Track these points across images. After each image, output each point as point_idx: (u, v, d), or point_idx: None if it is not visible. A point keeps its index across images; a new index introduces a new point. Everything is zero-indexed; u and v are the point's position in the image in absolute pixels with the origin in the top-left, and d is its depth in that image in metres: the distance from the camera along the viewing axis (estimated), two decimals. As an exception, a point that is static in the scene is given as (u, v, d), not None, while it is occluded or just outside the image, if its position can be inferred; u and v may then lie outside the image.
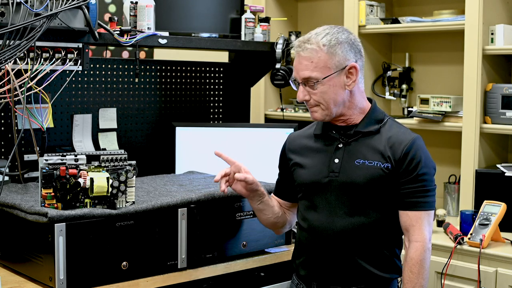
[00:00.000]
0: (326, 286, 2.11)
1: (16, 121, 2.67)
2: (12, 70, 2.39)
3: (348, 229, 2.07)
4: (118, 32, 2.72)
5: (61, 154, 2.13)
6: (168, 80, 3.33)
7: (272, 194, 2.34)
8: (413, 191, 2.05)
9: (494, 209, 2.87)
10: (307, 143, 2.20)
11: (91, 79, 3.05)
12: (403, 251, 2.13)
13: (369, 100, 2.19)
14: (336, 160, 2.10)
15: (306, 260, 2.15)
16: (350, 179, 2.07)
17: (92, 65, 3.01)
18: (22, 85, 2.41)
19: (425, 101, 3.38)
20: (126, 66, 3.16)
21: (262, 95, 4.13)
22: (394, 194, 2.07)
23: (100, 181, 2.11)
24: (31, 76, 2.42)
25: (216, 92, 3.52)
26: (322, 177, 2.11)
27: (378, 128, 2.11)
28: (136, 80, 3.18)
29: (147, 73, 3.25)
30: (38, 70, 2.45)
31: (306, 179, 2.15)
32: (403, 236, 2.11)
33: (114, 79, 3.12)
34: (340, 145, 2.12)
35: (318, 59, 2.06)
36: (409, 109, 3.62)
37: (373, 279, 2.08)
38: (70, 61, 2.54)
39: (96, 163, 2.17)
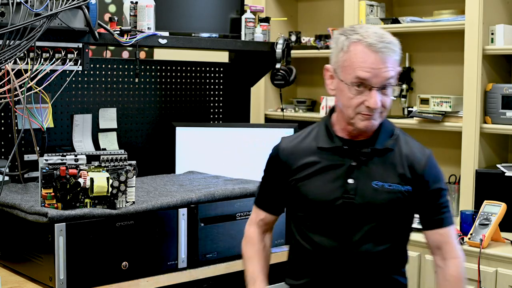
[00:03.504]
0: None
1: (16, 121, 2.66)
2: (12, 70, 2.38)
3: (363, 254, 1.93)
4: (118, 32, 2.72)
5: (61, 154, 2.13)
6: (168, 80, 3.33)
7: (254, 205, 2.16)
8: (438, 208, 1.95)
9: (494, 209, 2.87)
10: (310, 157, 1.98)
11: (91, 79, 3.05)
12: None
13: None
14: (351, 181, 1.91)
15: (310, 282, 2.02)
16: (369, 204, 1.91)
17: (92, 65, 3.01)
18: (22, 85, 2.41)
19: (425, 101, 3.38)
20: (126, 66, 3.16)
21: (262, 95, 4.13)
22: (412, 216, 1.98)
23: (100, 181, 2.11)
24: (31, 76, 2.42)
25: (216, 92, 3.52)
26: (335, 199, 1.92)
27: (392, 145, 1.95)
28: (136, 80, 3.18)
29: (147, 73, 3.25)
30: (38, 70, 2.45)
31: (314, 198, 1.95)
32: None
33: (114, 79, 3.12)
34: (354, 163, 1.92)
35: (396, 60, 1.90)
36: (409, 109, 3.61)
37: None
38: (70, 61, 2.54)
39: (96, 163, 2.17)
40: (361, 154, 1.93)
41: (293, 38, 3.97)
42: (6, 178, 2.55)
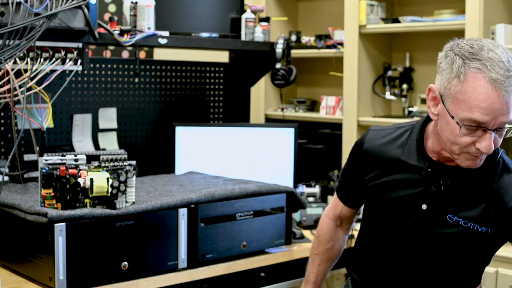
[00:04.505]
0: None
1: (15, 121, 2.66)
2: (12, 70, 2.38)
3: (426, 276, 1.84)
4: (118, 32, 2.72)
5: (61, 154, 2.13)
6: (168, 80, 3.32)
7: (336, 194, 2.06)
8: None
9: (495, 209, 2.87)
10: (391, 165, 1.83)
11: (91, 79, 3.04)
12: None
13: None
14: (424, 207, 1.77)
15: (369, 284, 1.98)
16: (437, 235, 1.77)
17: (92, 65, 3.01)
18: (22, 85, 2.41)
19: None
20: (126, 66, 3.15)
21: (262, 95, 4.13)
22: (490, 252, 1.83)
23: (100, 181, 2.10)
24: (31, 76, 2.42)
25: (216, 92, 3.52)
26: (404, 219, 1.80)
27: (486, 176, 1.74)
28: (136, 80, 3.18)
29: (147, 73, 3.24)
30: (38, 70, 2.44)
31: (385, 210, 1.85)
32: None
33: (114, 79, 3.12)
34: (434, 189, 1.76)
35: None
36: (410, 109, 3.61)
37: None
38: (70, 61, 2.54)
39: (96, 163, 2.16)
40: (444, 182, 1.75)
41: (293, 38, 3.97)
42: (6, 178, 2.55)
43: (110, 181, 2.13)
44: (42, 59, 2.47)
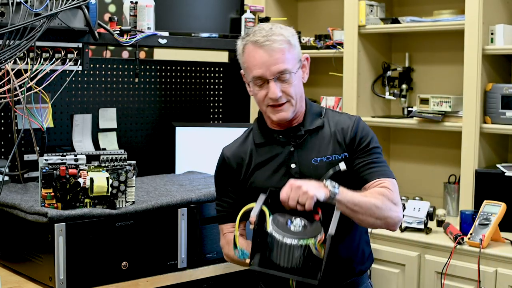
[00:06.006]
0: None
1: (16, 121, 2.66)
2: (12, 70, 2.38)
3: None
4: (118, 32, 2.72)
5: (61, 154, 2.13)
6: (168, 80, 3.33)
7: (220, 227, 2.12)
8: (369, 162, 2.01)
9: (494, 209, 2.87)
10: (253, 155, 2.08)
11: (91, 79, 3.05)
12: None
13: None
14: (293, 165, 2.02)
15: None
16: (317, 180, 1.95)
17: (92, 65, 3.01)
18: (22, 85, 2.41)
19: (425, 101, 3.38)
20: (126, 66, 3.16)
21: (262, 95, 4.12)
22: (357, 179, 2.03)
23: (100, 181, 2.11)
24: (31, 76, 2.42)
25: (216, 92, 3.52)
26: (283, 185, 1.92)
27: (322, 122, 2.07)
28: (136, 80, 3.18)
29: (147, 73, 3.25)
30: (38, 70, 2.45)
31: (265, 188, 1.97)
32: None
33: (114, 79, 3.12)
34: (292, 149, 2.04)
35: (288, 51, 1.97)
36: (409, 109, 3.61)
37: (351, 273, 2.05)
38: (70, 61, 2.54)
39: (96, 163, 2.17)
40: (295, 137, 2.04)
41: (293, 38, 3.96)
42: (6, 178, 2.55)
43: (110, 181, 2.13)
44: (42, 59, 2.47)
